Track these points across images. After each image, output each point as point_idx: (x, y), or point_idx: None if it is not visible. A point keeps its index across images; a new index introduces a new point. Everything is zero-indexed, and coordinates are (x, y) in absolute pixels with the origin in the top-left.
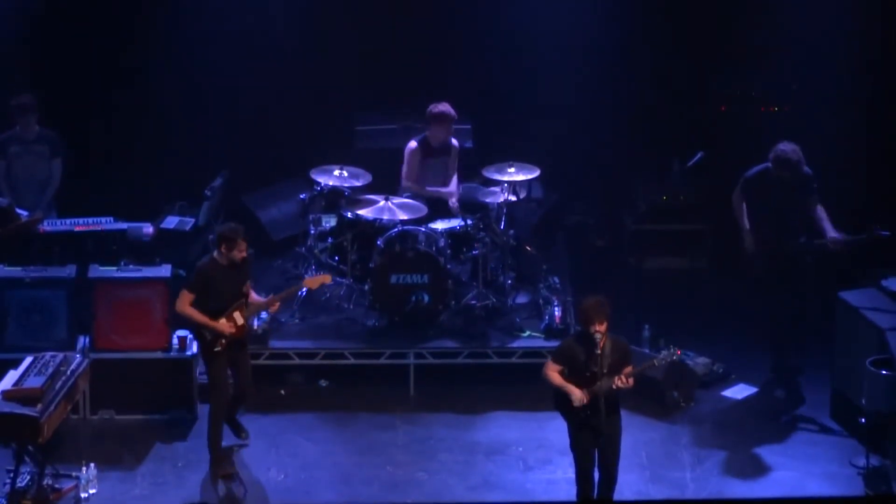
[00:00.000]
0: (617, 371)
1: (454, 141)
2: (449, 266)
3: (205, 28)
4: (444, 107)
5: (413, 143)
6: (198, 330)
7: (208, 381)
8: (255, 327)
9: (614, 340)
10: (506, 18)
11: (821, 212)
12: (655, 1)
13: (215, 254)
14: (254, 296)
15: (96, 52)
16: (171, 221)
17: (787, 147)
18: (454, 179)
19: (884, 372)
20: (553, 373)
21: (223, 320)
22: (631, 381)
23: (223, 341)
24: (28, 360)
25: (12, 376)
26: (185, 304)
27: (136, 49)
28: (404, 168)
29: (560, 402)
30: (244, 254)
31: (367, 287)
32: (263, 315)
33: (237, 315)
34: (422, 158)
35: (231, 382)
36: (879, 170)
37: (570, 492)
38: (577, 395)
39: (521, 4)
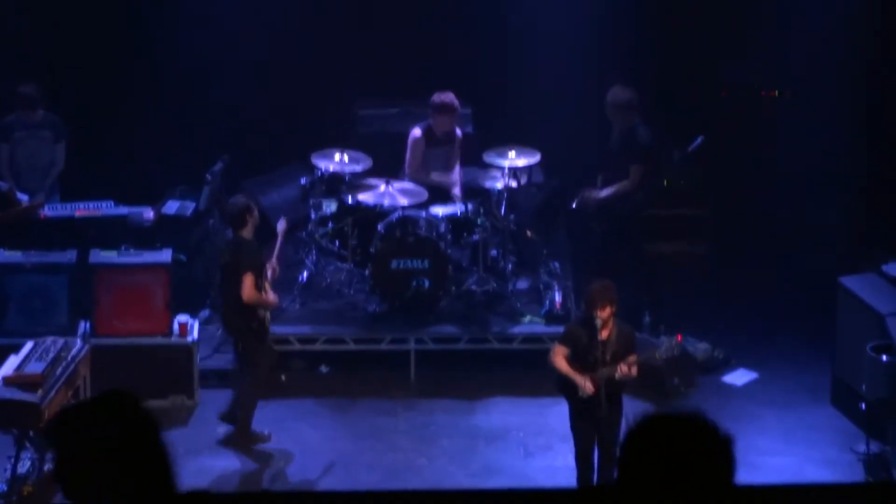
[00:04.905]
0: (621, 359)
1: (458, 130)
2: (449, 251)
3: (205, 11)
4: (448, 97)
5: (417, 132)
6: (251, 315)
7: (252, 364)
8: None
9: (620, 328)
10: (507, 2)
11: None
12: None
13: (243, 233)
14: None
15: (97, 35)
16: (171, 206)
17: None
18: (457, 168)
19: (884, 358)
20: (559, 357)
21: (263, 294)
22: (634, 370)
23: (268, 314)
24: (29, 345)
25: (13, 362)
26: (253, 288)
27: (136, 33)
28: (408, 156)
29: (562, 385)
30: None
31: (367, 272)
32: None
33: (267, 285)
34: (425, 147)
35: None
36: (881, 153)
37: (571, 478)
38: (580, 382)
39: None
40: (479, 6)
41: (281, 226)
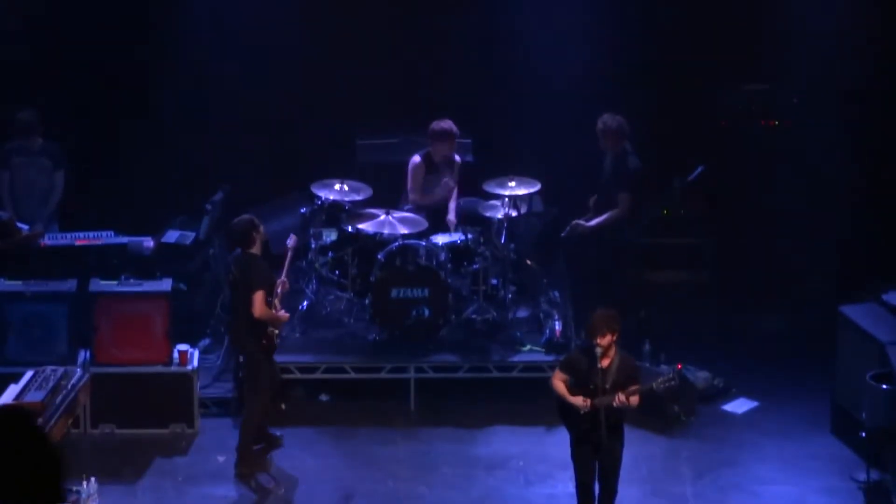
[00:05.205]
0: (621, 388)
1: (457, 157)
2: (449, 280)
3: (206, 42)
4: (447, 124)
5: (416, 158)
6: (260, 331)
7: (256, 383)
8: None
9: (622, 358)
10: (507, 33)
11: None
12: (655, 16)
13: (252, 250)
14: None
15: (97, 65)
16: (171, 235)
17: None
18: (455, 194)
19: (884, 386)
20: (558, 382)
21: (273, 311)
22: (633, 399)
23: (278, 332)
24: (29, 374)
25: (13, 390)
26: (264, 304)
27: (136, 63)
28: (409, 183)
29: (563, 412)
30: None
31: (367, 301)
32: None
33: (277, 302)
34: (425, 174)
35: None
36: (880, 183)
37: None
38: (579, 401)
39: (522, 20)
40: (479, 37)
41: (291, 241)
